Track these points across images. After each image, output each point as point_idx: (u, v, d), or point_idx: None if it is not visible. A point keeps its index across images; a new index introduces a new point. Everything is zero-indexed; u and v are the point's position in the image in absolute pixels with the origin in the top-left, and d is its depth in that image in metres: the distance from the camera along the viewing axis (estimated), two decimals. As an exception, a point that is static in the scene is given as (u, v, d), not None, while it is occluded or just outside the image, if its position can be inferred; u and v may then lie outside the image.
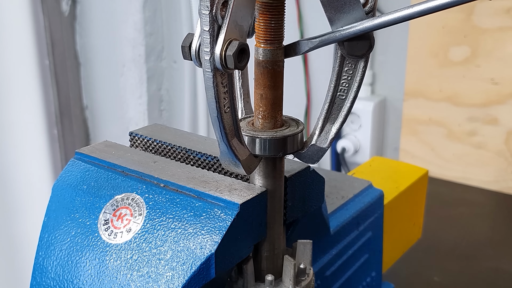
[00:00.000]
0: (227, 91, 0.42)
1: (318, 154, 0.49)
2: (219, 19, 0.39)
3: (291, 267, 0.49)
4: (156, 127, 0.61)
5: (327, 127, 0.49)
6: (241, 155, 0.45)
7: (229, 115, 0.43)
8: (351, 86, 0.47)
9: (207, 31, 0.39)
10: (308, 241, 0.51)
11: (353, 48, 0.44)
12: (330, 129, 0.49)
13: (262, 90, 0.47)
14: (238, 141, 0.45)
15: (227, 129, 0.43)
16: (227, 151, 0.44)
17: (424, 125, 1.28)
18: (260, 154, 0.47)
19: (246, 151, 0.46)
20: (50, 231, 0.51)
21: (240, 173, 0.46)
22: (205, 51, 0.40)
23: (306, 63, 1.40)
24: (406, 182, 0.80)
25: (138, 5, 1.61)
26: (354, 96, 0.47)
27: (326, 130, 0.49)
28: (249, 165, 0.46)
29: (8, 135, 1.70)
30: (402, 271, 0.93)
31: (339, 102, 0.48)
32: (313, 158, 0.49)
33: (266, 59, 0.46)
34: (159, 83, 1.73)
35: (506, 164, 1.21)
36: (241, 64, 0.40)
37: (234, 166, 0.45)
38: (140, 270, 0.45)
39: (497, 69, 1.16)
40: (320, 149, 0.49)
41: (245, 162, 0.45)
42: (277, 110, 0.48)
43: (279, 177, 0.49)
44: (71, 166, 0.54)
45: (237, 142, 0.45)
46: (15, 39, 1.64)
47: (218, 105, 0.42)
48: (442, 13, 1.24)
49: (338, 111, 0.48)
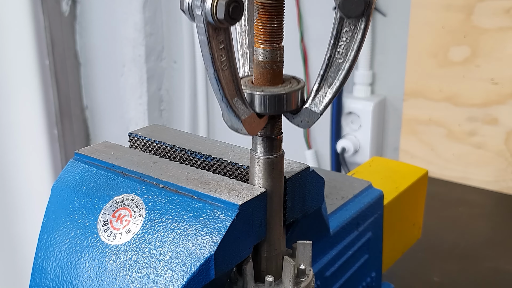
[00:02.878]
0: (223, 47, 0.41)
1: (311, 118, 0.47)
2: None
3: (290, 268, 0.49)
4: (155, 127, 0.61)
5: (323, 91, 0.46)
6: (242, 114, 0.43)
7: (228, 73, 0.42)
8: (349, 49, 0.45)
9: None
10: (308, 242, 0.51)
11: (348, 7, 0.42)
12: (325, 94, 0.46)
13: None
14: (240, 99, 0.44)
15: (226, 87, 0.42)
16: (227, 110, 0.43)
17: (424, 125, 1.28)
18: (260, 112, 0.46)
19: (248, 110, 0.44)
20: (49, 232, 0.51)
21: (243, 133, 0.44)
22: (196, 5, 0.39)
23: (306, 63, 1.40)
24: (406, 183, 0.80)
25: (138, 6, 1.61)
26: (352, 61, 0.45)
27: (321, 94, 0.47)
28: (252, 125, 0.44)
29: (8, 135, 1.70)
30: (402, 271, 0.93)
31: (337, 65, 0.45)
32: (305, 122, 0.47)
33: (265, 59, 0.46)
34: (159, 83, 1.73)
35: (506, 164, 1.21)
36: (233, 18, 0.39)
37: (237, 127, 0.44)
38: (139, 271, 0.45)
39: (497, 69, 1.16)
40: (313, 113, 0.47)
41: (247, 121, 0.44)
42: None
43: (278, 177, 0.49)
44: (70, 167, 0.54)
45: (238, 101, 0.43)
46: (15, 39, 1.64)
47: (213, 62, 0.40)
48: (442, 13, 1.24)
49: (335, 75, 0.46)
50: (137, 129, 0.60)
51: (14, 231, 1.76)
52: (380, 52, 1.32)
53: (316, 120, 0.47)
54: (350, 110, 1.35)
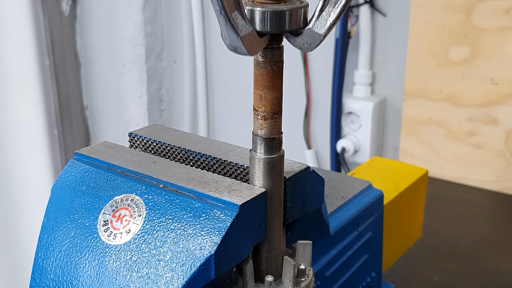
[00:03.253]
0: None
1: (314, 40, 0.44)
2: None
3: (290, 268, 0.49)
4: (155, 127, 0.61)
5: (327, 11, 0.43)
6: (241, 31, 0.41)
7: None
8: None
9: None
10: (308, 242, 0.51)
11: None
12: (330, 13, 0.43)
13: (261, 91, 0.47)
14: (239, 14, 0.41)
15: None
16: (225, 25, 0.41)
17: (424, 125, 1.28)
18: (261, 30, 0.43)
19: (248, 26, 0.42)
20: (49, 232, 0.51)
21: (242, 52, 0.42)
22: None
23: (306, 63, 1.40)
24: (405, 183, 0.80)
25: (138, 6, 1.61)
26: None
27: (325, 14, 0.44)
28: (252, 44, 0.42)
29: (9, 135, 1.70)
30: (402, 271, 0.93)
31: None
32: (307, 44, 0.44)
33: (265, 59, 0.46)
34: (159, 83, 1.73)
35: (506, 164, 1.21)
36: None
37: (236, 44, 0.42)
38: (139, 271, 0.45)
39: (497, 69, 1.16)
40: (316, 34, 0.44)
41: (247, 39, 0.42)
42: (277, 110, 0.48)
43: (278, 177, 0.49)
44: (70, 167, 0.54)
45: (237, 16, 0.41)
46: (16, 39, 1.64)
47: None
48: (442, 13, 1.24)
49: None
50: (137, 129, 0.60)
51: (14, 231, 1.76)
52: (380, 52, 1.32)
53: (319, 43, 0.44)
54: (350, 110, 1.35)
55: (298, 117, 1.45)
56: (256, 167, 0.48)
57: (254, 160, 0.48)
